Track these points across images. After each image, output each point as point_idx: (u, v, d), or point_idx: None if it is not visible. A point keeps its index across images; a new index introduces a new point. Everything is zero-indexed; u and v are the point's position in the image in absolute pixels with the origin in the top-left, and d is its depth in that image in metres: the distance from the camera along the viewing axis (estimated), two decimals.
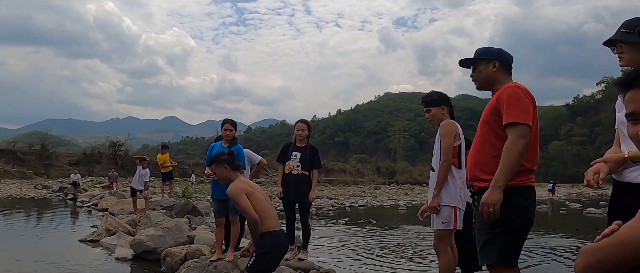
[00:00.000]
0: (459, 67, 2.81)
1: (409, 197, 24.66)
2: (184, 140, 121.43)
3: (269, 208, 3.56)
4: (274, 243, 3.46)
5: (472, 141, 2.80)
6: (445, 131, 3.31)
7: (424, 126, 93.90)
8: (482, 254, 2.54)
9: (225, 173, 3.64)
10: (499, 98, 2.54)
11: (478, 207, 2.60)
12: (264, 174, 38.44)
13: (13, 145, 33.48)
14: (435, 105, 3.46)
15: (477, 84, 2.73)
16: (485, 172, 2.58)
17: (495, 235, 2.48)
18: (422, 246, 8.45)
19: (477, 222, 2.61)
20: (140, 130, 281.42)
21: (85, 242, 7.45)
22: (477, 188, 2.64)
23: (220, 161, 3.69)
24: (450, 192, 3.24)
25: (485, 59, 2.66)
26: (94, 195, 15.75)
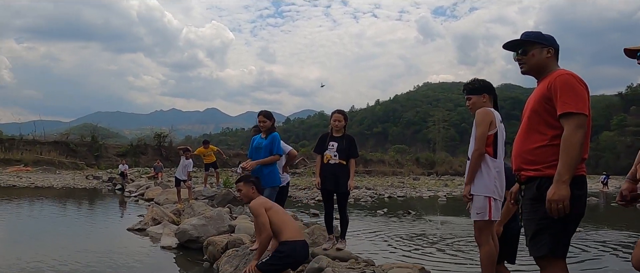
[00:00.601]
0: (503, 49, 2.69)
1: (449, 188, 24.23)
2: (225, 131, 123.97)
3: (288, 220, 3.93)
4: (292, 249, 3.72)
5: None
6: (479, 119, 3.22)
7: (465, 116, 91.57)
8: (532, 246, 2.47)
9: (250, 193, 3.97)
10: (551, 86, 2.44)
11: (525, 197, 2.56)
12: (303, 165, 38.80)
13: (66, 137, 35.26)
14: (476, 93, 3.38)
15: (524, 67, 2.61)
16: (532, 162, 2.51)
17: (546, 226, 2.41)
18: (462, 237, 8.31)
19: (525, 212, 2.55)
20: (183, 121, 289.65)
21: (132, 230, 7.79)
22: (523, 177, 2.57)
23: (248, 181, 4.04)
24: (485, 182, 3.16)
25: (540, 43, 2.57)
26: (141, 186, 16.39)
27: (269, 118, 5.47)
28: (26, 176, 22.22)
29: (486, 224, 3.16)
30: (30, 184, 18.17)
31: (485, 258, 3.16)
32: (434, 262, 6.08)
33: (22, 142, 31.86)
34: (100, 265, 5.40)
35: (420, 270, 4.49)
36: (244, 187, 4.00)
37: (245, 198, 4.00)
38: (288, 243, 3.71)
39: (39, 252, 6.06)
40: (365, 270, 4.38)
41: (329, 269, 4.28)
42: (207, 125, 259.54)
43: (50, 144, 32.45)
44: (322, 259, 4.53)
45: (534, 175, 2.49)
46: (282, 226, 3.76)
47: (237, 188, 4.06)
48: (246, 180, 4.07)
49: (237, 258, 4.89)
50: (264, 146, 5.37)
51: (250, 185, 4.00)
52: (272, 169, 5.36)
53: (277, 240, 3.73)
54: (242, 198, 4.05)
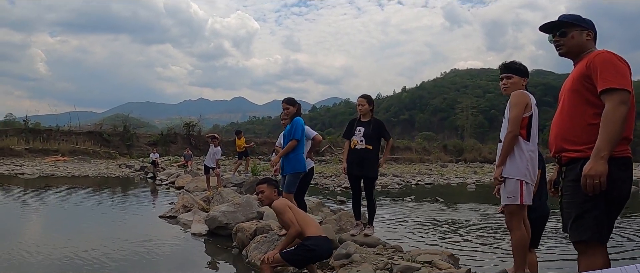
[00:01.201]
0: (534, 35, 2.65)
1: (478, 176, 23.85)
2: (251, 119, 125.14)
3: (309, 218, 4.00)
4: (317, 244, 3.74)
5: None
6: (515, 100, 3.13)
7: (494, 103, 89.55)
8: (574, 230, 2.42)
9: (271, 195, 3.93)
10: (590, 64, 2.40)
11: (566, 180, 2.51)
12: (329, 152, 38.88)
13: (100, 127, 36.35)
14: (519, 75, 3.29)
15: (563, 49, 2.58)
16: (573, 143, 2.45)
17: (588, 210, 2.35)
18: (491, 224, 8.20)
19: (566, 195, 2.50)
20: (210, 110, 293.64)
21: (164, 217, 8.00)
22: (565, 159, 2.51)
23: (272, 183, 4.03)
24: (517, 165, 3.09)
25: (580, 25, 2.55)
26: (171, 174, 16.77)
27: (292, 104, 5.42)
28: (63, 165, 23.06)
29: (517, 208, 3.10)
30: (67, 173, 18.85)
31: (517, 244, 3.10)
32: (463, 249, 6.03)
33: (59, 132, 33.01)
34: (133, 252, 5.57)
35: (449, 257, 4.47)
36: (267, 189, 3.92)
37: (267, 200, 3.92)
38: (313, 238, 3.75)
39: (75, 239, 6.31)
40: (393, 257, 4.38)
41: (356, 255, 4.31)
42: (235, 114, 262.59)
43: (85, 134, 33.52)
44: (349, 245, 4.56)
45: (576, 156, 2.43)
46: (305, 223, 3.82)
47: (258, 189, 3.99)
48: (270, 182, 4.05)
49: (265, 244, 4.96)
50: (287, 132, 5.39)
51: (273, 188, 3.97)
52: (295, 155, 5.29)
53: (301, 236, 3.78)
54: (263, 200, 3.96)
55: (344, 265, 4.17)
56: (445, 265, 4.01)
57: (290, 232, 3.74)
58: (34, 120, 36.66)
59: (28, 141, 30.13)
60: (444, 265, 4.01)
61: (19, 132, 31.63)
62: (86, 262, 5.03)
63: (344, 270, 4.08)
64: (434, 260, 4.12)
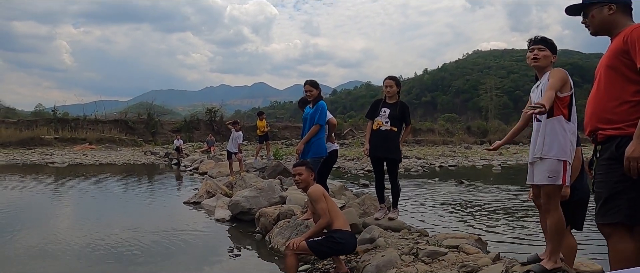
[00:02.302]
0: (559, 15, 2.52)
1: (504, 157, 23.40)
2: (273, 104, 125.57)
3: (339, 212, 3.92)
4: (344, 237, 3.70)
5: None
6: (556, 76, 2.93)
7: (519, 83, 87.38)
8: (605, 211, 2.32)
9: (309, 179, 3.92)
10: (627, 39, 2.28)
11: (600, 158, 2.41)
12: (351, 136, 38.74)
13: (125, 115, 37.01)
14: (552, 51, 3.11)
15: (591, 29, 2.52)
16: (610, 121, 2.35)
17: (623, 190, 2.25)
18: (517, 206, 8.02)
19: (599, 174, 2.40)
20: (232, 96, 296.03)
21: (188, 204, 8.08)
22: (601, 136, 2.40)
23: (309, 167, 3.99)
24: (560, 144, 2.93)
25: (597, 2, 2.45)
26: (195, 160, 16.96)
27: (315, 87, 5.37)
28: (91, 154, 23.59)
29: (556, 189, 2.95)
30: (95, 162, 19.27)
31: (554, 227, 2.96)
32: (490, 233, 5.90)
33: (86, 121, 33.73)
34: (159, 239, 5.64)
35: (477, 241, 4.36)
36: (305, 172, 3.91)
37: (304, 183, 3.91)
38: (340, 231, 3.72)
39: (102, 226, 6.44)
40: (419, 241, 4.30)
41: (381, 239, 4.24)
42: (256, 99, 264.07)
43: (111, 123, 34.18)
44: (374, 229, 4.49)
45: (614, 133, 2.33)
46: (335, 215, 3.79)
47: (295, 171, 3.96)
48: (307, 165, 4.02)
49: (288, 229, 4.94)
50: (310, 116, 5.31)
51: (310, 171, 3.96)
52: (317, 139, 5.26)
53: (329, 227, 3.75)
54: (301, 183, 3.93)
55: (368, 250, 4.11)
56: (472, 249, 3.91)
57: (321, 222, 3.71)
58: (62, 110, 37.46)
59: (57, 131, 30.90)
60: (472, 249, 3.90)
61: (48, 122, 32.44)
62: (114, 249, 5.12)
63: (368, 254, 4.02)
64: (461, 245, 4.01)
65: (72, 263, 4.65)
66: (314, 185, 3.90)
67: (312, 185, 3.90)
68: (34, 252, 4.99)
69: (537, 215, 3.47)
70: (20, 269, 4.42)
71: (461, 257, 3.76)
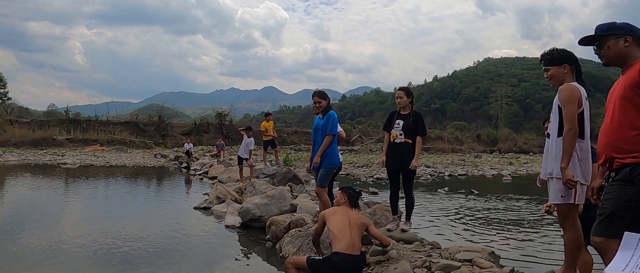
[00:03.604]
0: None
1: (514, 167, 23.20)
2: (282, 109, 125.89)
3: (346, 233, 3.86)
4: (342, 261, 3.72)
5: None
6: (565, 96, 2.95)
7: (530, 92, 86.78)
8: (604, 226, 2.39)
9: (342, 202, 4.21)
10: None
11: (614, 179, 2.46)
12: (360, 142, 38.67)
13: (136, 117, 37.28)
14: (556, 64, 3.08)
15: (604, 59, 2.56)
16: (626, 151, 2.39)
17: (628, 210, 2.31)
18: (530, 218, 7.93)
19: (609, 192, 2.45)
20: (241, 100, 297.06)
21: (198, 209, 8.10)
22: (617, 164, 2.44)
23: (349, 194, 4.24)
24: (572, 164, 2.91)
25: (614, 34, 2.50)
26: (204, 164, 17.02)
27: (324, 97, 5.32)
28: (102, 155, 23.80)
29: (570, 208, 2.93)
30: (106, 163, 19.42)
31: (570, 244, 2.94)
32: (503, 246, 5.84)
33: (98, 122, 34.08)
34: (169, 243, 5.66)
35: (490, 254, 4.31)
36: (343, 196, 4.24)
37: (337, 204, 4.28)
38: (340, 254, 3.73)
39: (112, 229, 6.46)
40: (431, 254, 4.27)
41: (393, 251, 4.21)
42: (265, 103, 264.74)
43: (121, 124, 34.47)
44: None
45: (630, 162, 2.38)
46: (339, 236, 3.82)
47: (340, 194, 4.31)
48: (345, 189, 4.31)
49: (299, 238, 4.93)
50: (321, 127, 5.30)
51: (346, 195, 4.23)
52: (331, 149, 5.25)
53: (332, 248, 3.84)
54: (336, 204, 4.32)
55: (380, 262, 4.08)
56: (486, 263, 3.87)
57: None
58: (74, 111, 37.89)
59: (69, 131, 31.24)
60: (485, 263, 3.87)
61: (60, 122, 32.80)
62: (123, 251, 5.14)
63: (381, 266, 3.99)
64: (474, 258, 3.98)
65: (79, 264, 4.69)
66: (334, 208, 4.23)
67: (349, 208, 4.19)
68: (43, 251, 5.03)
69: (550, 227, 3.45)
70: (29, 268, 4.45)
71: (475, 271, 3.72)
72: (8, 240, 5.55)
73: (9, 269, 4.42)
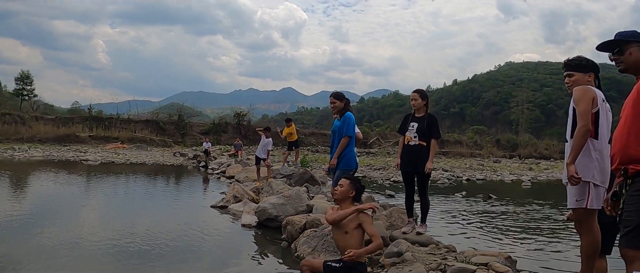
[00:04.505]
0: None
1: (534, 173, 22.81)
2: (300, 110, 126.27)
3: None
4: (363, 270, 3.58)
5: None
6: (578, 94, 2.93)
7: (552, 97, 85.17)
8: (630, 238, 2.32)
9: (347, 194, 3.76)
10: None
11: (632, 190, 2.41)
12: (377, 145, 38.54)
13: (156, 116, 37.88)
14: (582, 71, 3.06)
15: (622, 65, 2.55)
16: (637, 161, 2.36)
17: None
18: (548, 223, 7.81)
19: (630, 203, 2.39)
20: (260, 100, 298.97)
21: (215, 207, 8.20)
22: (632, 171, 2.39)
23: (355, 184, 3.82)
24: (585, 165, 2.88)
25: (637, 41, 2.49)
26: (222, 163, 17.19)
27: (339, 98, 5.33)
28: (122, 153, 24.24)
29: (586, 213, 2.89)
30: (126, 161, 19.79)
31: (587, 249, 2.90)
32: (520, 251, 5.77)
33: (119, 120, 34.72)
34: (185, 241, 5.74)
35: (507, 259, 4.27)
36: (347, 186, 3.79)
37: (340, 196, 3.78)
38: (362, 264, 3.67)
39: (129, 226, 6.61)
40: (447, 257, 4.24)
41: (408, 254, 4.20)
42: (283, 104, 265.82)
43: (142, 123, 35.07)
44: (401, 243, 4.46)
45: None
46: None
47: (340, 183, 3.87)
48: (354, 181, 3.86)
49: (315, 239, 4.95)
50: (338, 128, 5.32)
51: (353, 189, 3.80)
52: (348, 151, 5.27)
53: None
54: (337, 194, 3.81)
55: (395, 264, 4.08)
56: (502, 268, 3.83)
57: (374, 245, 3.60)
58: (97, 109, 38.68)
59: (91, 128, 31.91)
60: (502, 268, 3.83)
61: (84, 119, 33.52)
62: (139, 248, 5.24)
63: (395, 268, 3.99)
64: (490, 263, 3.94)
65: (97, 260, 4.79)
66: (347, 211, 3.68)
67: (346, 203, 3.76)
68: (63, 247, 5.15)
69: (568, 233, 3.41)
70: (50, 263, 4.58)
71: None
72: (30, 234, 5.70)
73: (31, 263, 4.55)
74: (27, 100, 41.06)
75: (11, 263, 4.50)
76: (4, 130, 28.52)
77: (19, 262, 4.55)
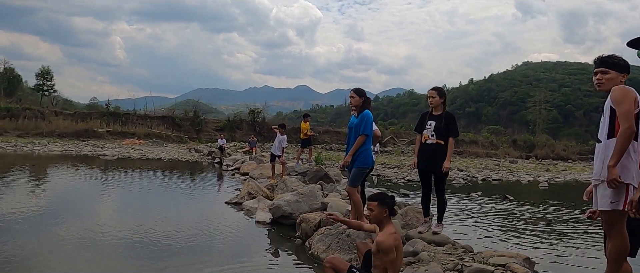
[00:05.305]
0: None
1: (551, 174, 22.44)
2: (314, 108, 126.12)
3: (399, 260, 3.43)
4: None
5: None
6: (620, 95, 2.82)
7: (571, 98, 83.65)
8: None
9: (381, 217, 3.47)
10: None
11: None
12: (392, 143, 38.34)
13: (172, 112, 38.24)
14: (618, 70, 2.96)
15: None
16: None
17: None
18: (565, 225, 7.66)
19: None
20: (274, 98, 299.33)
21: (230, 204, 8.23)
22: None
23: (384, 203, 3.48)
24: (624, 165, 2.79)
25: None
26: (237, 160, 17.28)
27: (359, 94, 5.23)
28: (139, 148, 24.53)
29: (619, 215, 2.80)
30: (142, 156, 20.01)
31: (615, 252, 2.81)
32: (538, 252, 5.66)
33: (136, 116, 35.14)
34: (199, 237, 5.76)
35: (525, 260, 4.19)
36: (377, 208, 3.45)
37: (375, 219, 3.49)
38: None
39: (144, 221, 6.67)
40: (464, 257, 4.19)
41: (424, 253, 4.16)
42: (298, 102, 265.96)
43: (158, 119, 35.44)
44: (417, 242, 4.41)
45: None
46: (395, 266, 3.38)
47: (369, 206, 3.53)
48: (381, 201, 3.49)
49: (329, 237, 4.93)
50: (355, 126, 5.26)
51: (384, 208, 3.45)
52: (364, 149, 5.19)
53: None
54: (372, 219, 3.52)
55: (411, 263, 4.04)
56: (521, 269, 3.76)
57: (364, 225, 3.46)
58: (114, 105, 39.24)
59: (109, 124, 32.37)
60: (520, 269, 3.76)
61: (101, 115, 34.02)
62: (154, 243, 5.28)
63: (411, 268, 3.95)
64: (508, 263, 3.87)
65: (112, 254, 4.85)
66: (386, 233, 3.38)
67: (384, 224, 3.45)
68: (79, 240, 5.21)
69: (587, 235, 3.32)
70: (66, 256, 4.64)
71: None
72: (48, 228, 5.79)
73: (47, 256, 4.61)
74: (47, 96, 41.81)
75: (27, 256, 4.57)
76: (25, 124, 29.10)
77: (35, 254, 4.62)
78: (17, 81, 47.19)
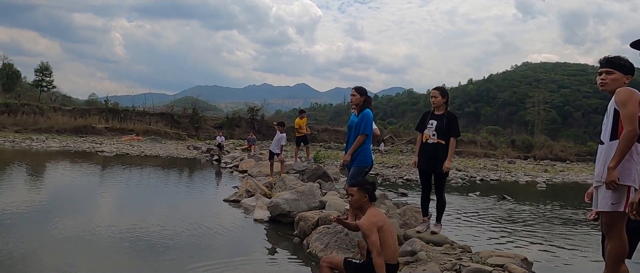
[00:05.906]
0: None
1: (549, 174, 22.47)
2: (313, 106, 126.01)
3: (391, 242, 3.49)
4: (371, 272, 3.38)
5: None
6: (624, 96, 2.82)
7: (570, 99, 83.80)
8: None
9: (362, 202, 3.58)
10: None
11: None
12: (390, 142, 38.37)
13: (171, 109, 38.18)
14: (623, 71, 2.96)
15: None
16: None
17: None
18: (563, 225, 7.67)
19: None
20: (274, 96, 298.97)
21: (228, 201, 8.22)
22: None
23: (364, 188, 3.60)
24: (627, 169, 2.79)
25: None
26: (235, 157, 17.26)
27: (361, 93, 5.21)
28: (137, 145, 24.48)
29: (619, 217, 2.80)
30: (141, 153, 19.98)
31: (614, 254, 2.82)
32: (536, 252, 5.67)
33: (135, 113, 35.09)
34: (196, 234, 5.75)
35: (523, 261, 4.20)
36: (357, 194, 3.58)
37: (356, 204, 3.63)
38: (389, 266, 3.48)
39: (141, 218, 6.66)
40: (462, 257, 4.19)
41: (422, 253, 4.16)
42: (297, 100, 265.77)
43: (157, 115, 35.38)
44: (415, 242, 4.41)
45: None
46: (383, 247, 3.43)
47: (349, 191, 3.69)
48: (361, 186, 3.62)
49: (327, 235, 4.93)
50: (355, 125, 5.24)
51: (364, 193, 3.57)
52: (363, 148, 5.19)
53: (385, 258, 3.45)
54: (352, 204, 3.69)
55: (409, 263, 4.04)
56: (519, 270, 3.77)
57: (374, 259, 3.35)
58: (113, 101, 39.11)
59: (108, 120, 32.30)
60: (518, 269, 3.77)
61: (100, 111, 33.93)
62: (151, 239, 5.27)
63: (409, 267, 3.95)
64: (506, 264, 3.88)
65: (108, 250, 4.84)
66: (367, 216, 3.49)
67: (365, 208, 3.57)
68: (76, 237, 5.20)
69: (585, 236, 3.32)
70: (62, 252, 4.63)
71: None
72: (45, 224, 5.76)
73: (44, 252, 4.60)
74: (46, 92, 41.72)
75: (25, 253, 4.56)
76: (23, 120, 29.02)
77: (33, 251, 4.61)
78: (16, 77, 47.04)
